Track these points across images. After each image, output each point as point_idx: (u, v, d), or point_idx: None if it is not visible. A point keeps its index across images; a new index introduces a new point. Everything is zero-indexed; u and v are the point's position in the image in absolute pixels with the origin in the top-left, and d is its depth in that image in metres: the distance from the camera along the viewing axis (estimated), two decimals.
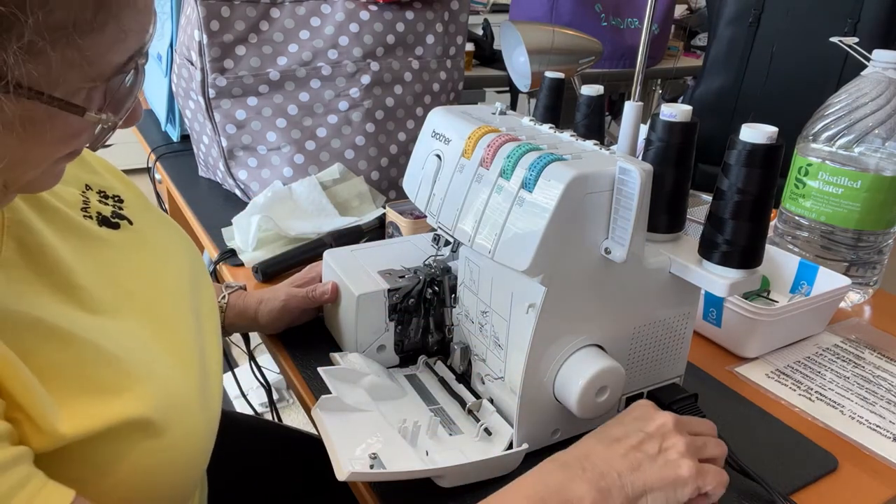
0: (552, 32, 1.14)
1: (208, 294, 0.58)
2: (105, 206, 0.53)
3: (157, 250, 0.54)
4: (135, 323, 0.46)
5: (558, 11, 2.14)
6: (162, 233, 0.56)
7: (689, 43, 2.82)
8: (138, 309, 0.47)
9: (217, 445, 0.70)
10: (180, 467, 0.44)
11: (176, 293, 0.52)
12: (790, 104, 1.53)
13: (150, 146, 1.35)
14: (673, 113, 0.57)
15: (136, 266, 0.50)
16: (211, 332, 0.54)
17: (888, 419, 0.68)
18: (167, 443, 0.42)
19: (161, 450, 0.42)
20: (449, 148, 0.62)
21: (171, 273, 0.53)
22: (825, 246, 0.90)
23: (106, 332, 0.43)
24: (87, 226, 0.49)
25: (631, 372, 0.62)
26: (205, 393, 0.47)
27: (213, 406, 0.49)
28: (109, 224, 0.52)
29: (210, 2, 0.96)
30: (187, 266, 0.56)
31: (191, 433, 0.44)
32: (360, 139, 1.05)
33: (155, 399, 0.42)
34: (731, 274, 0.55)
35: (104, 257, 0.49)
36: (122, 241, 0.51)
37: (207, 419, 0.47)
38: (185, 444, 0.44)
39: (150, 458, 0.41)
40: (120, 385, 0.41)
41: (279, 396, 1.87)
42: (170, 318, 0.49)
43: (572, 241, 0.53)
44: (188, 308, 0.52)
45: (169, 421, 0.42)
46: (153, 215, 0.57)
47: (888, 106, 0.84)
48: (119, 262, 0.49)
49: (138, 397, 0.41)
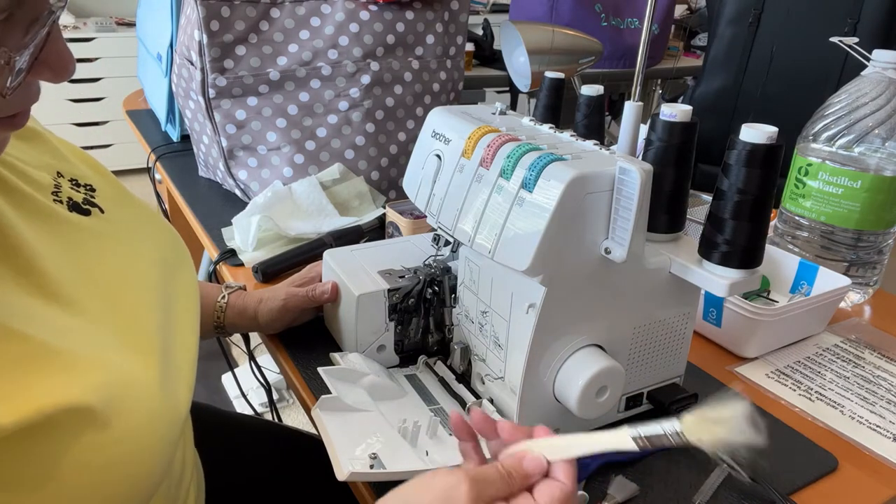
0: (552, 32, 1.14)
1: (186, 289, 0.56)
2: (77, 193, 0.52)
3: (126, 240, 0.52)
4: (92, 310, 0.45)
5: (558, 11, 2.14)
6: (135, 224, 0.55)
7: (689, 43, 2.82)
8: (99, 295, 0.46)
9: (216, 446, 0.69)
10: (135, 463, 0.41)
11: (141, 283, 0.50)
12: (790, 104, 1.53)
13: (150, 146, 1.35)
14: (673, 113, 0.57)
15: (103, 253, 0.49)
16: (184, 326, 0.52)
17: (888, 419, 0.68)
18: (117, 436, 0.40)
19: (110, 444, 0.40)
20: (449, 148, 0.62)
21: (139, 263, 0.52)
22: (825, 246, 0.90)
23: (55, 322, 0.42)
24: (57, 210, 0.49)
25: (631, 372, 0.62)
26: (166, 386, 0.45)
27: (176, 401, 0.47)
28: (80, 210, 0.51)
29: (210, 2, 0.96)
30: (159, 258, 0.54)
31: (144, 426, 0.42)
32: (360, 139, 1.05)
33: (100, 388, 0.40)
34: (731, 274, 0.55)
35: (71, 241, 0.48)
36: (91, 227, 0.50)
37: (167, 413, 0.45)
38: (139, 438, 0.41)
39: (99, 454, 0.39)
40: (59, 371, 0.39)
41: (279, 396, 1.87)
42: (131, 307, 0.48)
43: (572, 241, 0.53)
44: (154, 299, 0.50)
45: (117, 411, 0.40)
46: (128, 207, 0.56)
47: (888, 106, 0.84)
48: (86, 248, 0.49)
49: (79, 384, 0.39)
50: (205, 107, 1.03)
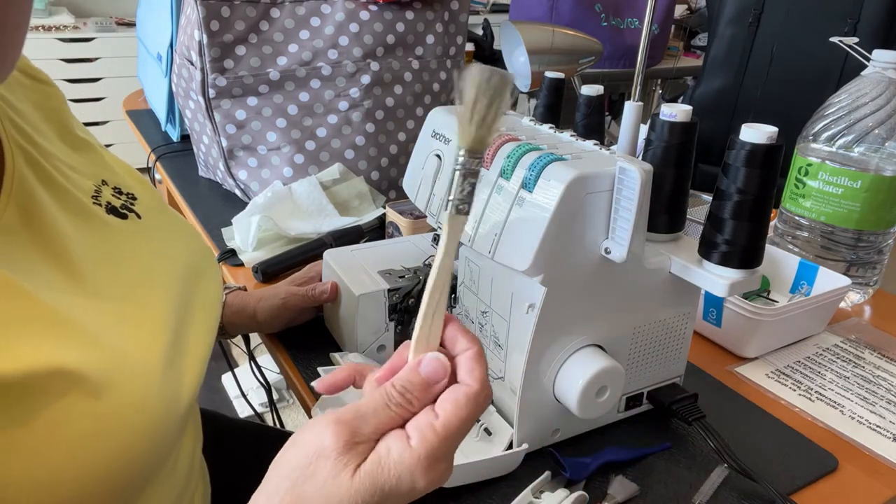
0: (552, 32, 1.14)
1: (208, 294, 0.57)
2: (117, 199, 0.53)
3: (157, 244, 0.54)
4: (109, 294, 0.45)
5: (558, 11, 2.14)
6: (169, 231, 0.57)
7: (689, 43, 2.82)
8: (119, 284, 0.47)
9: (218, 449, 0.69)
10: (123, 440, 0.40)
11: (162, 278, 0.51)
12: (790, 104, 1.53)
13: (150, 146, 1.35)
14: (673, 113, 0.57)
15: (132, 251, 0.51)
16: (199, 327, 0.52)
17: (888, 419, 0.68)
18: (107, 409, 0.39)
19: (100, 415, 0.39)
20: (449, 148, 0.62)
21: (164, 262, 0.53)
22: (825, 246, 0.90)
23: (71, 297, 0.42)
24: (95, 210, 0.50)
25: (631, 372, 0.62)
26: (168, 376, 0.45)
27: (177, 394, 0.46)
28: (117, 213, 0.52)
29: (210, 2, 0.96)
30: (186, 261, 0.56)
31: (137, 405, 0.41)
32: (360, 139, 1.05)
33: (99, 361, 0.40)
34: (731, 274, 0.55)
35: (103, 238, 0.49)
36: (125, 229, 0.52)
37: (165, 402, 0.44)
38: (130, 416, 0.41)
39: (85, 421, 0.38)
40: (61, 337, 0.39)
41: (279, 396, 1.87)
42: (146, 297, 0.48)
43: (572, 241, 0.53)
44: (172, 294, 0.51)
45: (109, 386, 0.40)
46: (165, 216, 0.58)
47: (888, 106, 0.84)
48: (116, 244, 0.50)
49: (77, 352, 0.39)
50: (205, 107, 1.03)
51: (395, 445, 0.36)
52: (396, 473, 0.36)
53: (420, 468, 0.36)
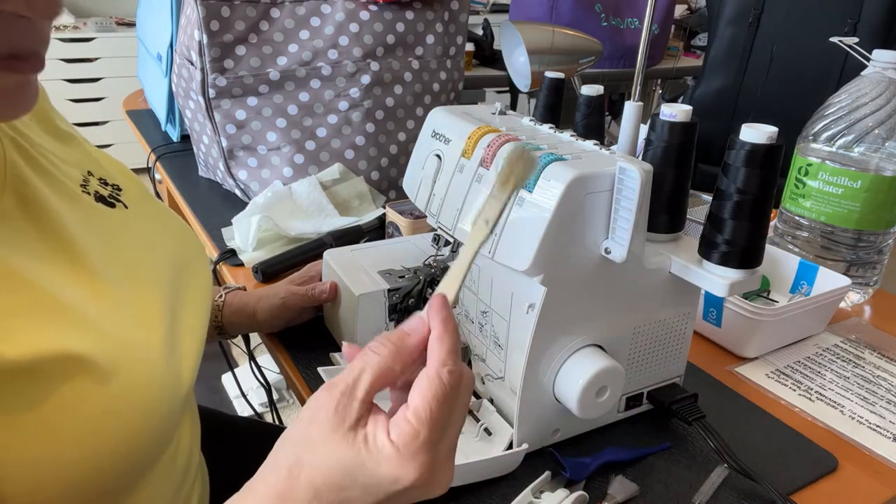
0: (552, 32, 1.14)
1: (198, 280, 0.57)
2: (104, 189, 0.54)
3: (145, 233, 0.54)
4: (109, 279, 0.46)
5: (558, 11, 2.14)
6: (156, 220, 0.57)
7: (689, 43, 2.82)
8: (116, 269, 0.47)
9: (217, 446, 0.69)
10: (133, 419, 0.42)
11: (154, 265, 0.52)
12: (790, 104, 1.53)
13: (150, 146, 1.35)
14: (673, 113, 0.57)
15: (123, 236, 0.51)
16: (191, 312, 0.53)
17: (888, 419, 0.68)
18: (115, 392, 0.40)
19: (108, 398, 0.40)
20: (449, 148, 0.62)
21: (155, 249, 0.54)
22: (825, 246, 0.90)
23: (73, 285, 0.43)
24: (85, 198, 0.50)
25: (631, 372, 0.62)
26: (171, 361, 0.46)
27: (178, 376, 0.47)
28: (106, 202, 0.52)
29: (210, 2, 0.96)
30: (174, 248, 0.56)
31: (144, 387, 0.43)
32: (360, 139, 1.05)
33: (104, 347, 0.41)
34: (731, 274, 0.55)
35: (96, 222, 0.49)
36: (114, 216, 0.52)
37: (169, 382, 0.46)
38: (137, 397, 0.42)
39: (94, 404, 0.39)
40: (65, 325, 0.40)
41: (279, 396, 1.87)
42: (142, 284, 0.49)
43: (572, 241, 0.53)
44: (164, 281, 0.52)
45: (116, 370, 0.41)
46: (151, 206, 0.58)
47: (888, 106, 0.84)
48: (109, 229, 0.50)
49: (81, 337, 0.40)
50: (205, 107, 1.03)
51: (380, 435, 0.38)
52: (376, 460, 0.37)
53: (399, 458, 0.37)
